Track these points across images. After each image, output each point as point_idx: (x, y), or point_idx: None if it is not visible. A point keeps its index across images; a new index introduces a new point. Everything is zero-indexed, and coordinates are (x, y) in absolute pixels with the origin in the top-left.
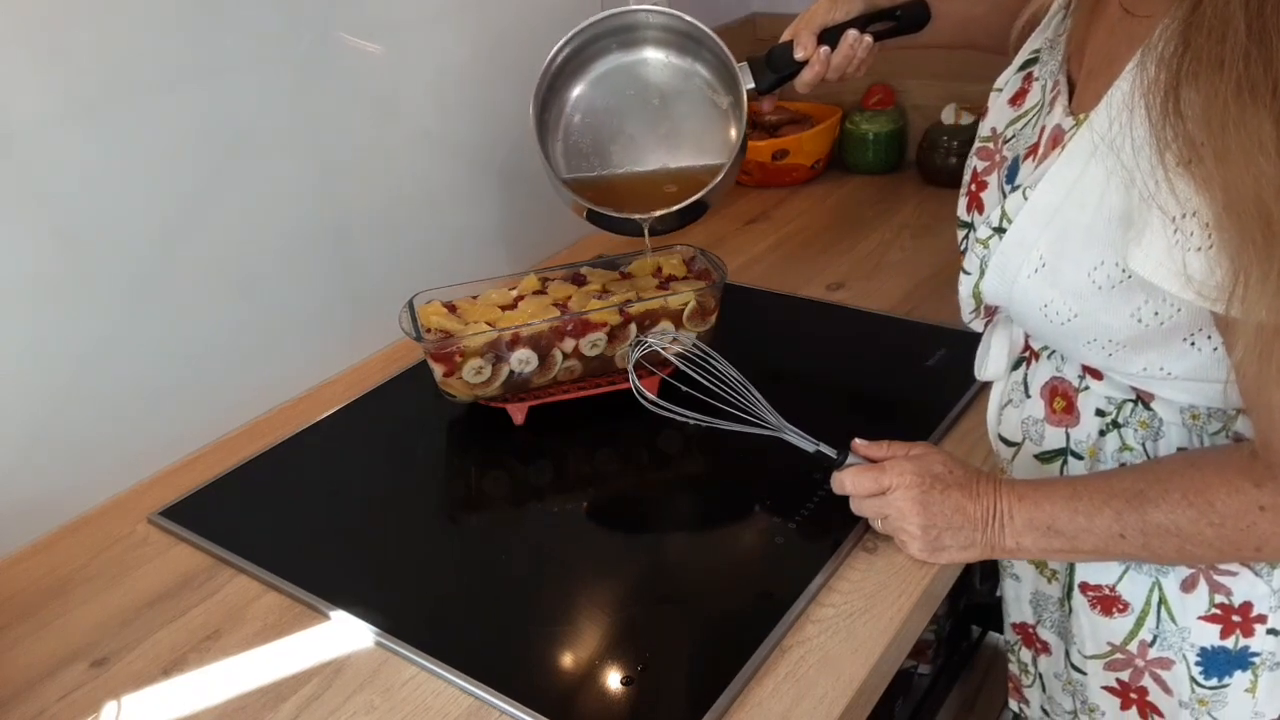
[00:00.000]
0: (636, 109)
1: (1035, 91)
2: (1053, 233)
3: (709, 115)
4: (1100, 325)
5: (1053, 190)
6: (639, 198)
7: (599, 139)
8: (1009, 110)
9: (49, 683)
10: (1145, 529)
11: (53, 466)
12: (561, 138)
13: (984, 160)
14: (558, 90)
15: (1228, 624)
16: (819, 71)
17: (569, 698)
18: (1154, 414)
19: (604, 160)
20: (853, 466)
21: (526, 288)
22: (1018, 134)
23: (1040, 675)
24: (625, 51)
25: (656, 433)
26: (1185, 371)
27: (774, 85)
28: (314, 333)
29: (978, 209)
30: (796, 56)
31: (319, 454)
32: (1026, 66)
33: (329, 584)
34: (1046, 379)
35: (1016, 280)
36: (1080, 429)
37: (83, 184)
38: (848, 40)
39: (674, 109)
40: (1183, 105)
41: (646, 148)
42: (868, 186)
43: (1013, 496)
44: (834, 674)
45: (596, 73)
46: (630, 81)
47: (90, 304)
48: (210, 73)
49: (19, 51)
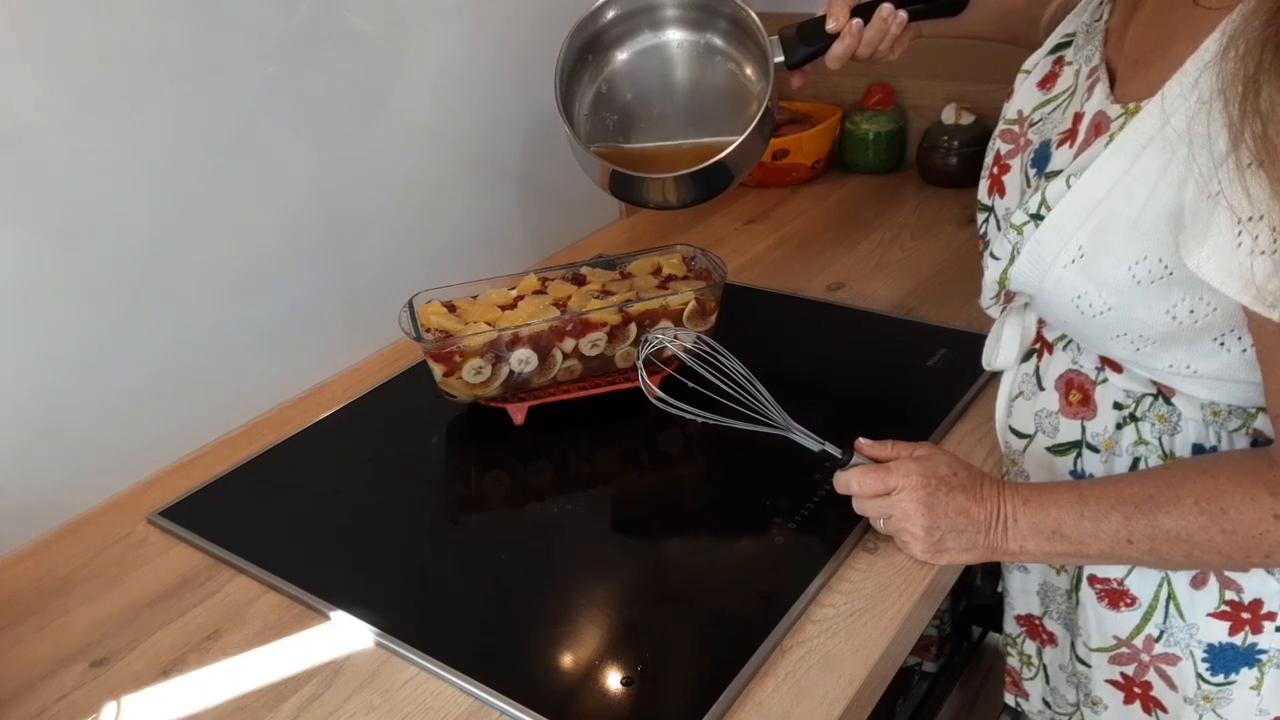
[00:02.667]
0: (664, 89)
1: (1067, 76)
2: (1094, 223)
3: (738, 95)
4: (1133, 320)
5: (1099, 180)
6: (662, 166)
7: (625, 116)
8: (1037, 93)
9: (49, 683)
10: (1154, 534)
11: (52, 466)
12: (588, 111)
13: (1008, 143)
14: (583, 64)
15: (1237, 620)
16: (850, 45)
17: (569, 698)
18: (1174, 409)
19: (628, 137)
20: (857, 466)
21: (526, 288)
22: (1045, 118)
23: (1045, 667)
24: (655, 31)
25: (657, 433)
26: (1212, 371)
27: (805, 59)
28: (314, 333)
29: (999, 192)
30: (828, 28)
31: (319, 454)
32: (1058, 50)
33: (329, 584)
34: (1062, 371)
35: (1050, 270)
36: (1097, 421)
37: (82, 185)
38: (881, 14)
39: (702, 89)
40: (1262, 102)
41: (672, 126)
42: (868, 186)
43: (1017, 500)
44: (834, 674)
45: (625, 50)
46: (659, 62)
47: (90, 304)
48: (209, 72)
49: (17, 52)
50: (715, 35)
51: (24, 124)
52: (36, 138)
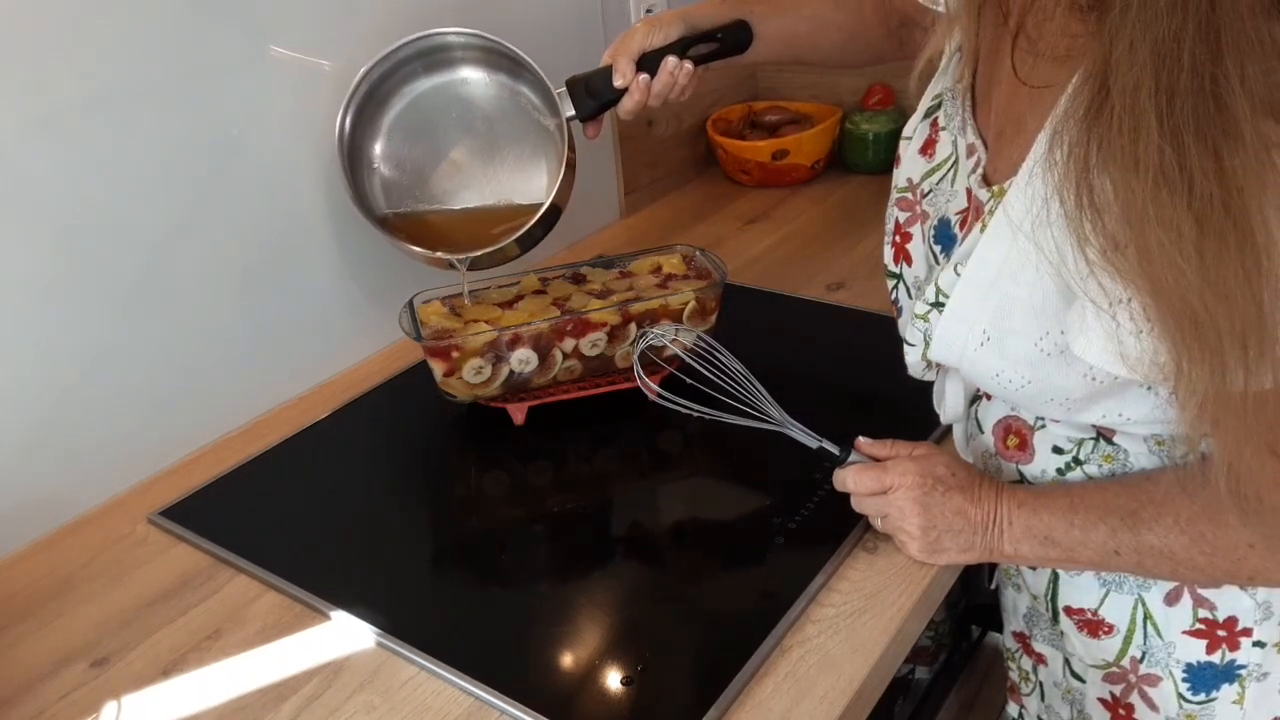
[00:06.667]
0: (459, 132)
1: (945, 144)
2: (992, 306)
3: (537, 136)
4: (1055, 388)
5: (983, 267)
6: (465, 234)
7: (421, 168)
8: (921, 161)
9: (49, 682)
10: (1139, 549)
11: (53, 466)
12: (379, 169)
13: (904, 211)
14: (369, 118)
15: (1213, 639)
16: (639, 100)
17: (569, 698)
18: (1117, 447)
19: (426, 190)
20: (855, 464)
21: (526, 287)
22: (934, 188)
23: (1040, 684)
24: (441, 72)
25: (657, 433)
26: (1144, 415)
27: (595, 112)
28: (314, 333)
29: (906, 261)
30: (615, 84)
31: (319, 454)
32: (931, 113)
33: (329, 584)
34: (1000, 417)
35: (964, 353)
36: (1034, 465)
37: (82, 186)
38: (667, 67)
39: (499, 131)
40: (1097, 198)
41: (472, 174)
42: (868, 186)
43: (1013, 503)
44: (834, 674)
45: (411, 96)
46: (451, 103)
47: (90, 305)
48: (208, 73)
49: (15, 53)
50: (508, 78)
51: (24, 125)
52: (36, 140)
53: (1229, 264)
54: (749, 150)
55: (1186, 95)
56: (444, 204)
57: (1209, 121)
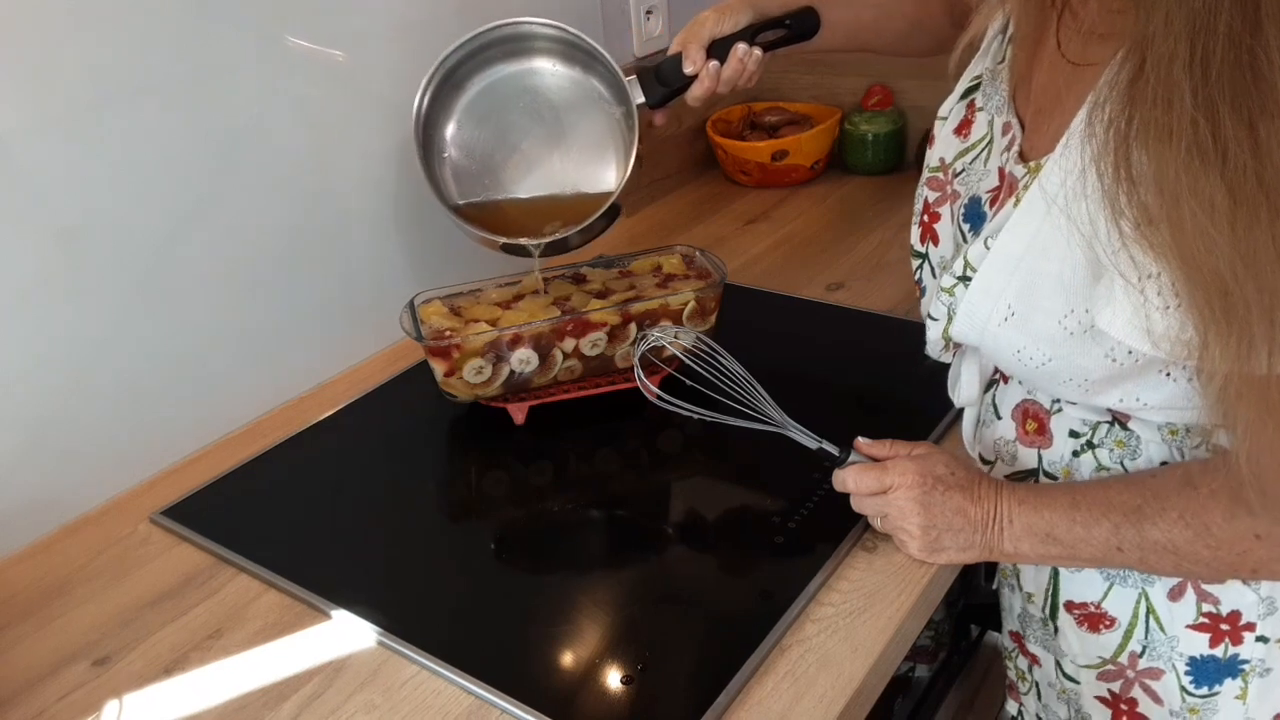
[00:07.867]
0: (528, 121)
1: (981, 124)
2: (1019, 282)
3: (604, 126)
4: (1075, 367)
5: (1014, 241)
6: (533, 223)
7: (490, 155)
8: (956, 141)
9: (50, 682)
10: (1143, 544)
11: (54, 466)
12: (450, 155)
13: (935, 191)
14: (443, 105)
15: (1216, 633)
16: (709, 87)
17: (569, 697)
18: (1131, 433)
19: (495, 180)
20: (855, 464)
21: (526, 287)
22: (967, 168)
23: (1036, 683)
24: (516, 60)
25: (657, 433)
26: (1161, 401)
27: (664, 100)
28: (314, 333)
29: (932, 240)
30: (685, 71)
31: (319, 454)
32: (969, 94)
33: (330, 583)
34: (1017, 401)
35: (986, 328)
36: (1053, 450)
37: (82, 186)
38: (737, 54)
39: (567, 121)
40: (1134, 171)
41: (540, 163)
42: (867, 186)
43: (1013, 501)
44: (833, 673)
45: (483, 84)
46: (521, 92)
47: (91, 305)
48: (208, 73)
49: (15, 54)
50: (579, 69)
51: (24, 126)
52: (36, 140)
53: (1260, 236)
54: (749, 151)
55: (1223, 66)
56: (511, 193)
57: (1245, 93)
